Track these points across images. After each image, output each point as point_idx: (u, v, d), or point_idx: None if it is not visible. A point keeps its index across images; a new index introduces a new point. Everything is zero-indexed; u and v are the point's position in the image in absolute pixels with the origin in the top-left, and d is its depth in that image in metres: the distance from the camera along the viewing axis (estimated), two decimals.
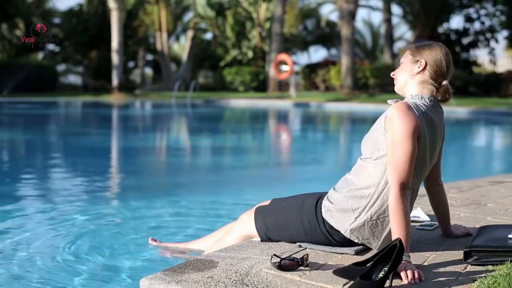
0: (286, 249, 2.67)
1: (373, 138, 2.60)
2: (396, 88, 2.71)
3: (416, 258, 2.53)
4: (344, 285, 2.21)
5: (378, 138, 2.56)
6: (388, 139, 2.49)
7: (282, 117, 19.95)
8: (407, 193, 2.45)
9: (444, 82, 2.66)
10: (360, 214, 2.58)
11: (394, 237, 2.39)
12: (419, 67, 2.61)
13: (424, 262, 2.50)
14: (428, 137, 2.54)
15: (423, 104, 2.57)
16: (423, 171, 2.61)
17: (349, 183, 2.65)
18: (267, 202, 3.00)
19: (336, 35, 36.95)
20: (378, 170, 2.56)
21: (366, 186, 2.58)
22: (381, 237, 2.60)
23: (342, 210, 2.62)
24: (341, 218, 2.62)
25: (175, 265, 2.45)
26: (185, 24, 39.45)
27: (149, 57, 41.35)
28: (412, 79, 2.63)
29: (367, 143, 2.62)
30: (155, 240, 3.62)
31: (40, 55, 34.20)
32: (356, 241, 2.63)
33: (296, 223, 2.74)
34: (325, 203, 2.68)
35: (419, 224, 3.19)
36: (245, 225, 2.93)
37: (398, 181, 2.43)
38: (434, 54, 2.62)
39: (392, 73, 2.73)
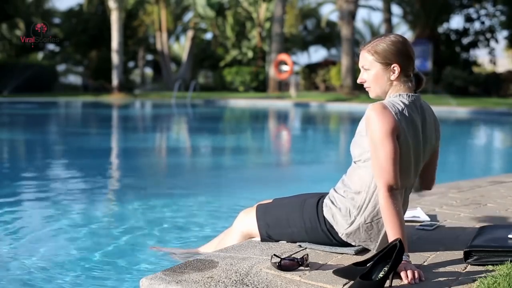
0: (286, 249, 2.67)
1: (358, 141, 2.59)
2: (372, 96, 2.63)
3: (416, 258, 2.53)
4: (344, 285, 2.21)
5: (362, 140, 2.56)
6: (369, 141, 2.48)
7: (282, 117, 19.95)
8: (396, 193, 2.43)
9: (415, 70, 2.61)
10: (355, 219, 2.58)
11: (390, 239, 2.39)
12: (393, 72, 2.54)
13: (424, 262, 2.51)
14: (409, 135, 2.50)
15: (400, 102, 2.52)
16: (409, 169, 2.56)
17: (345, 184, 2.66)
18: (267, 201, 2.99)
19: (336, 35, 36.96)
20: (367, 172, 2.55)
21: (358, 190, 2.58)
22: (378, 239, 2.59)
23: (340, 212, 2.62)
24: (339, 220, 2.62)
25: (175, 265, 2.45)
26: (185, 24, 39.47)
27: (149, 57, 41.38)
28: (390, 85, 2.58)
29: (355, 146, 2.62)
30: (155, 247, 3.61)
31: (40, 55, 34.19)
32: (353, 244, 2.63)
33: (297, 221, 2.74)
34: (326, 202, 2.69)
35: (419, 224, 3.19)
36: (245, 223, 2.92)
37: (384, 183, 2.42)
38: (399, 50, 2.54)
39: (359, 81, 2.63)
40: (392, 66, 2.54)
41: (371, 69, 2.58)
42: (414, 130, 2.53)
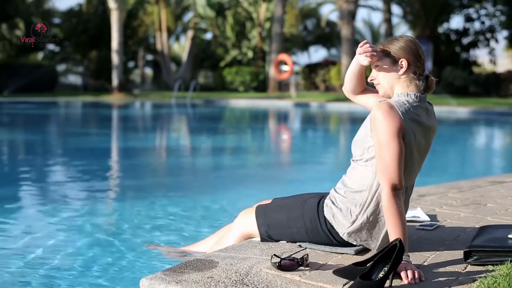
0: (286, 249, 2.67)
1: (361, 140, 2.59)
2: (381, 93, 2.66)
3: (416, 258, 2.53)
4: (344, 285, 2.21)
5: (366, 139, 2.56)
6: (375, 141, 2.49)
7: (282, 117, 19.95)
8: (400, 193, 2.44)
9: (426, 73, 2.63)
10: (357, 218, 2.58)
11: (391, 239, 2.39)
12: (401, 67, 2.58)
13: (424, 262, 2.51)
14: (414, 135, 2.51)
15: (406, 101, 2.54)
16: (413, 169, 2.59)
17: (345, 184, 2.66)
18: (267, 201, 2.99)
19: (336, 35, 36.95)
20: (369, 172, 2.56)
21: (360, 189, 2.58)
22: (379, 237, 2.60)
23: (341, 212, 2.62)
24: (340, 220, 2.62)
25: (175, 265, 2.45)
26: (185, 24, 39.45)
27: (149, 57, 41.33)
28: (398, 81, 2.60)
29: (356, 145, 2.62)
30: (151, 245, 3.62)
31: (40, 55, 34.18)
32: (354, 243, 2.63)
33: (297, 221, 2.74)
34: (327, 202, 2.69)
35: (419, 224, 3.19)
36: (245, 223, 2.92)
37: (389, 183, 2.43)
38: (409, 48, 2.58)
39: (370, 79, 2.68)
40: (400, 61, 2.57)
41: (380, 65, 2.61)
42: (420, 130, 2.54)
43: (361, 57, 2.63)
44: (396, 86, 2.61)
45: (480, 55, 32.16)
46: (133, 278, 3.06)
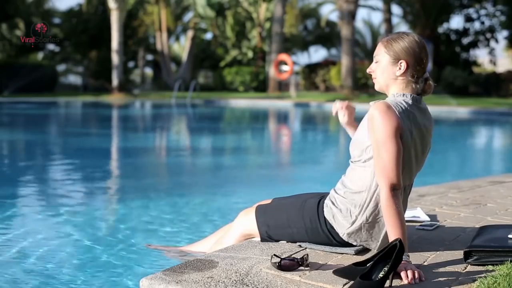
0: (286, 249, 2.67)
1: (359, 141, 2.59)
2: (376, 87, 2.64)
3: (416, 258, 2.53)
4: (344, 285, 2.21)
5: (364, 140, 2.56)
6: (372, 141, 2.48)
7: (282, 117, 19.95)
8: (398, 193, 2.44)
9: (425, 76, 2.61)
10: (356, 218, 2.58)
11: (390, 239, 2.39)
12: (399, 68, 2.55)
13: (424, 262, 2.50)
14: (411, 134, 2.50)
15: (403, 101, 2.53)
16: (411, 169, 2.58)
17: (344, 185, 2.66)
18: (267, 201, 2.99)
19: (336, 35, 36.94)
20: (368, 173, 2.55)
21: (359, 190, 2.58)
22: (379, 238, 2.59)
23: (341, 212, 2.62)
24: (340, 220, 2.62)
25: (175, 265, 2.45)
26: (185, 24, 39.46)
27: (149, 57, 41.34)
28: (394, 81, 2.58)
29: (354, 146, 2.61)
30: (151, 245, 3.62)
31: (40, 55, 34.18)
32: (354, 243, 2.63)
33: (297, 222, 2.74)
34: (327, 202, 2.69)
35: (419, 224, 3.19)
36: (245, 223, 2.92)
37: (387, 183, 2.42)
38: (412, 51, 2.54)
39: (368, 70, 2.65)
40: (400, 61, 2.55)
41: (380, 60, 2.60)
42: (416, 130, 2.54)
43: (339, 116, 2.89)
44: (392, 86, 2.59)
45: (480, 55, 32.31)
46: (133, 278, 3.06)
